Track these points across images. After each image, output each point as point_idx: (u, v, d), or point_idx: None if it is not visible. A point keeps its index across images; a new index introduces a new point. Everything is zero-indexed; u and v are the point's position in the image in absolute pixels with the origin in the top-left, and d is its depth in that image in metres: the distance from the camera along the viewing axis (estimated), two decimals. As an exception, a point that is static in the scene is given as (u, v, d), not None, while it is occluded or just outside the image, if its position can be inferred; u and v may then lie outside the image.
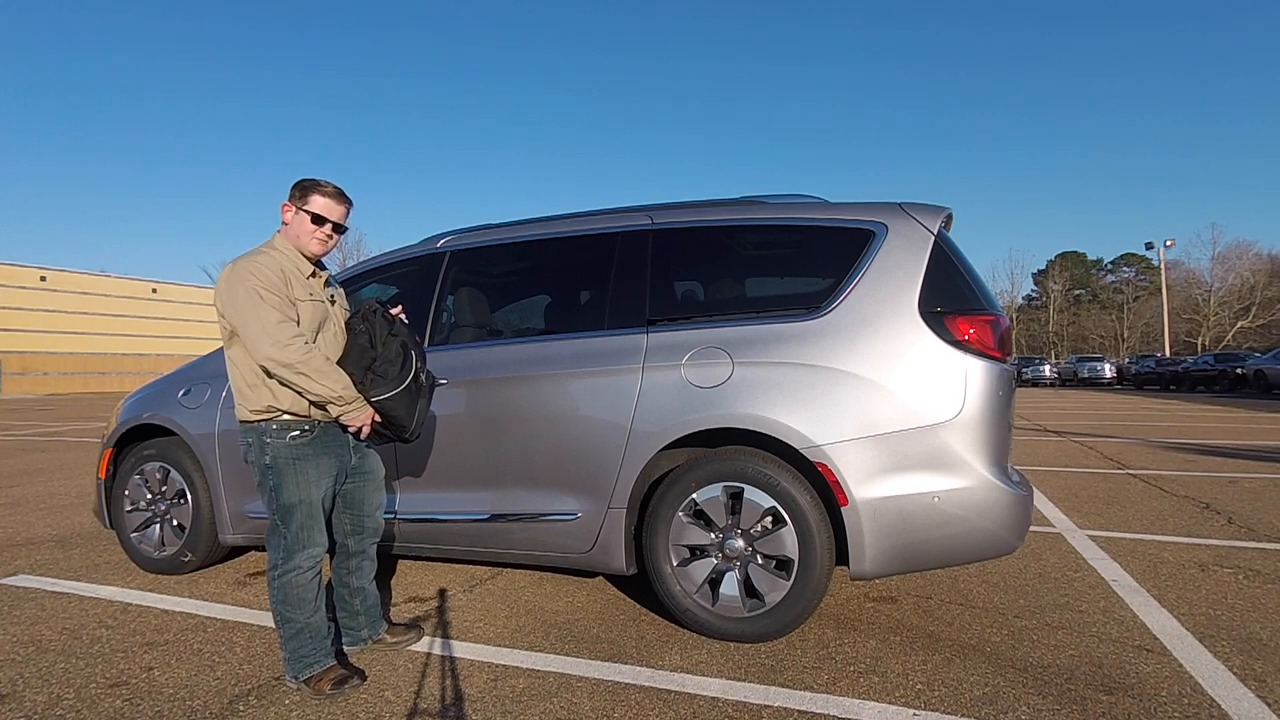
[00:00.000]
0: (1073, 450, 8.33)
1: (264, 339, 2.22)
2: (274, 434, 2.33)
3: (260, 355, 2.24)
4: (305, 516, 2.36)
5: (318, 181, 2.42)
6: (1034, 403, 18.72)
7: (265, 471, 2.35)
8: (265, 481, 2.36)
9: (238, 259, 2.34)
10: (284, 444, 2.33)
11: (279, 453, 2.33)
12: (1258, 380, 21.27)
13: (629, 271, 3.07)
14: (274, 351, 2.22)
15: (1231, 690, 2.27)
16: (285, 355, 2.22)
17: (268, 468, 2.34)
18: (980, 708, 2.18)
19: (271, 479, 2.34)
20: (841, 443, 2.59)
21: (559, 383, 2.99)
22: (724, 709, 2.20)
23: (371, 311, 2.50)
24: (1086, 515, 4.78)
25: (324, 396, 2.30)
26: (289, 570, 2.34)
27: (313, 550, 2.38)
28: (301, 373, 2.25)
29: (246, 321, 2.24)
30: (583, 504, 2.91)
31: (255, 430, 2.35)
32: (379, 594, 2.74)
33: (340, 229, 2.46)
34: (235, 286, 2.27)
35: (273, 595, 2.36)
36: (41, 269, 39.76)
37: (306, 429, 2.37)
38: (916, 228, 2.80)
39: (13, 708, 2.25)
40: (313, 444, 2.38)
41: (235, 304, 2.26)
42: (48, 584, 3.55)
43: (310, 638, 2.37)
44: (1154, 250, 40.99)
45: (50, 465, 8.08)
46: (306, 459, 2.36)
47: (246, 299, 2.25)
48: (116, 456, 3.86)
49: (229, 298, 2.28)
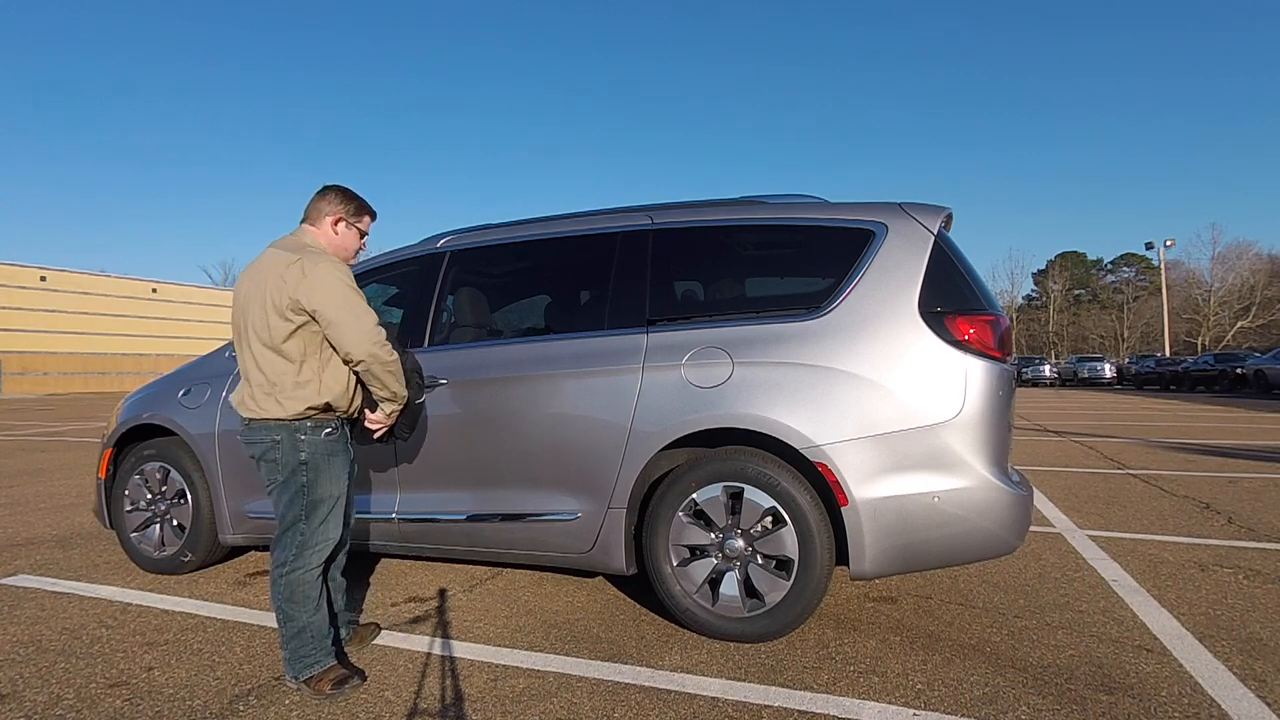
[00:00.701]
0: (1073, 450, 8.33)
1: (367, 336, 2.32)
2: (309, 431, 2.37)
3: (359, 348, 2.31)
4: (330, 510, 2.42)
5: (365, 201, 2.57)
6: (1034, 403, 18.72)
7: (298, 468, 2.36)
8: (296, 478, 2.36)
9: (319, 254, 2.36)
10: (320, 440, 2.38)
11: (315, 449, 2.37)
12: (1258, 380, 21.27)
13: (629, 271, 3.07)
14: (377, 349, 2.34)
15: (1231, 690, 2.27)
16: (385, 354, 2.36)
17: (302, 464, 2.36)
18: (980, 708, 2.18)
19: (305, 475, 2.36)
20: (841, 443, 2.59)
21: (559, 383, 2.99)
22: (724, 709, 2.20)
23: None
24: (1086, 515, 4.78)
25: (396, 394, 2.46)
26: (298, 567, 2.36)
27: (327, 545, 2.43)
28: (391, 371, 2.40)
29: (349, 317, 2.30)
30: (583, 504, 2.91)
31: (287, 428, 2.34)
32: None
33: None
34: (329, 278, 2.30)
35: (277, 593, 2.36)
36: (41, 269, 39.70)
37: (335, 427, 2.44)
38: (916, 228, 2.80)
39: (13, 708, 2.25)
40: (339, 440, 2.47)
41: (331, 294, 2.28)
42: (48, 584, 3.55)
43: (311, 637, 2.37)
44: (1154, 250, 41.01)
45: (50, 465, 8.08)
46: (338, 455, 2.44)
47: (344, 291, 2.31)
48: (116, 456, 3.86)
49: (329, 290, 2.28)
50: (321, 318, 2.30)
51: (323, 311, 2.29)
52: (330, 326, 2.30)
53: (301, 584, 2.36)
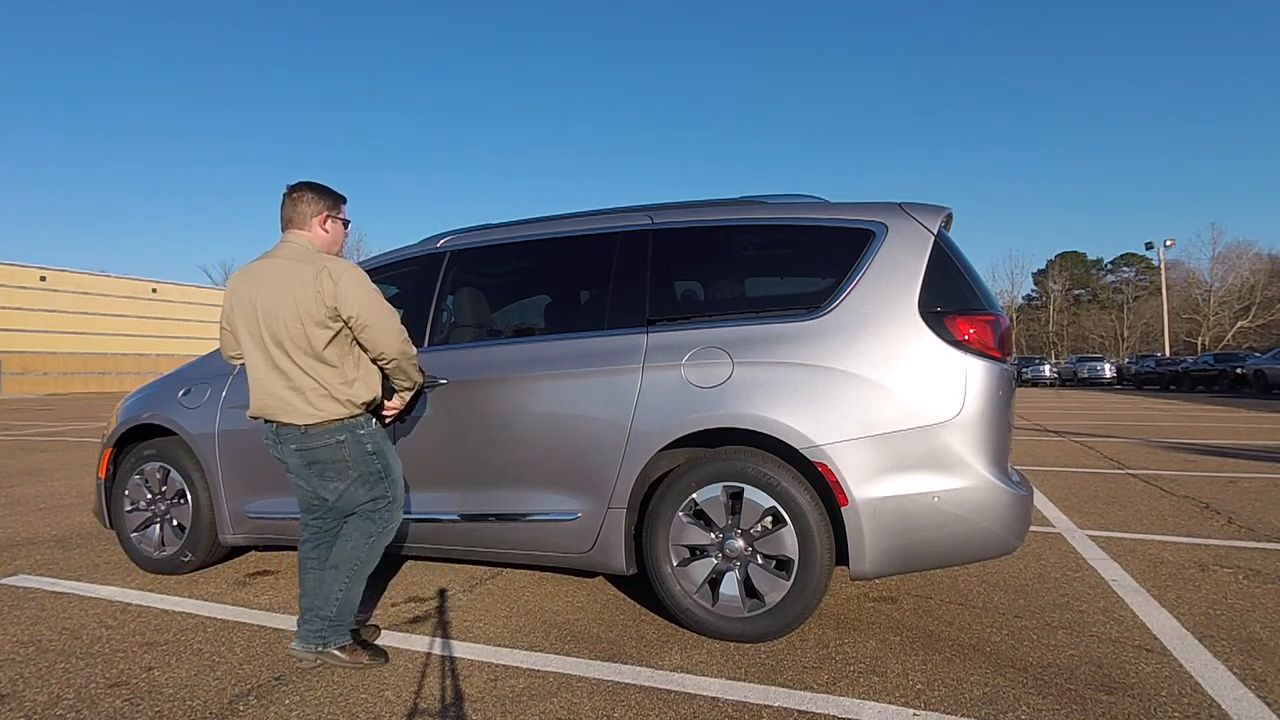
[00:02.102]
0: (1073, 450, 8.33)
1: (398, 335, 2.53)
2: (365, 423, 2.56)
3: (394, 349, 2.52)
4: (401, 485, 2.68)
5: (336, 190, 2.64)
6: (1034, 403, 18.72)
7: (370, 458, 2.55)
8: (371, 467, 2.56)
9: (335, 260, 2.48)
10: (375, 430, 2.61)
11: (376, 436, 2.60)
12: (1258, 380, 21.27)
13: (629, 271, 3.07)
14: (406, 346, 2.57)
15: (1231, 690, 2.27)
16: (410, 349, 2.62)
17: (372, 454, 2.56)
18: (980, 708, 2.18)
19: (379, 462, 2.58)
20: (841, 443, 2.59)
21: (558, 382, 2.99)
22: (724, 709, 2.20)
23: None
24: (1086, 515, 4.78)
25: (419, 383, 2.78)
26: (386, 535, 2.61)
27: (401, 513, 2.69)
28: (414, 363, 2.68)
29: (381, 320, 2.47)
30: (582, 504, 2.91)
31: (346, 427, 2.50)
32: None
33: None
34: (362, 283, 2.45)
35: (355, 558, 2.54)
36: (41, 269, 39.67)
37: (375, 416, 2.67)
38: (916, 227, 2.80)
39: (13, 708, 2.25)
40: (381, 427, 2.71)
41: (367, 299, 2.44)
42: (48, 584, 3.55)
43: (351, 607, 2.56)
44: (1154, 250, 41.01)
45: (50, 465, 8.08)
46: (387, 438, 2.72)
47: (379, 298, 2.48)
48: (116, 456, 3.86)
49: (363, 295, 2.44)
50: (357, 322, 2.46)
51: (359, 316, 2.43)
52: (365, 330, 2.46)
53: (380, 551, 2.60)
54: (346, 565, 2.54)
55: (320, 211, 2.55)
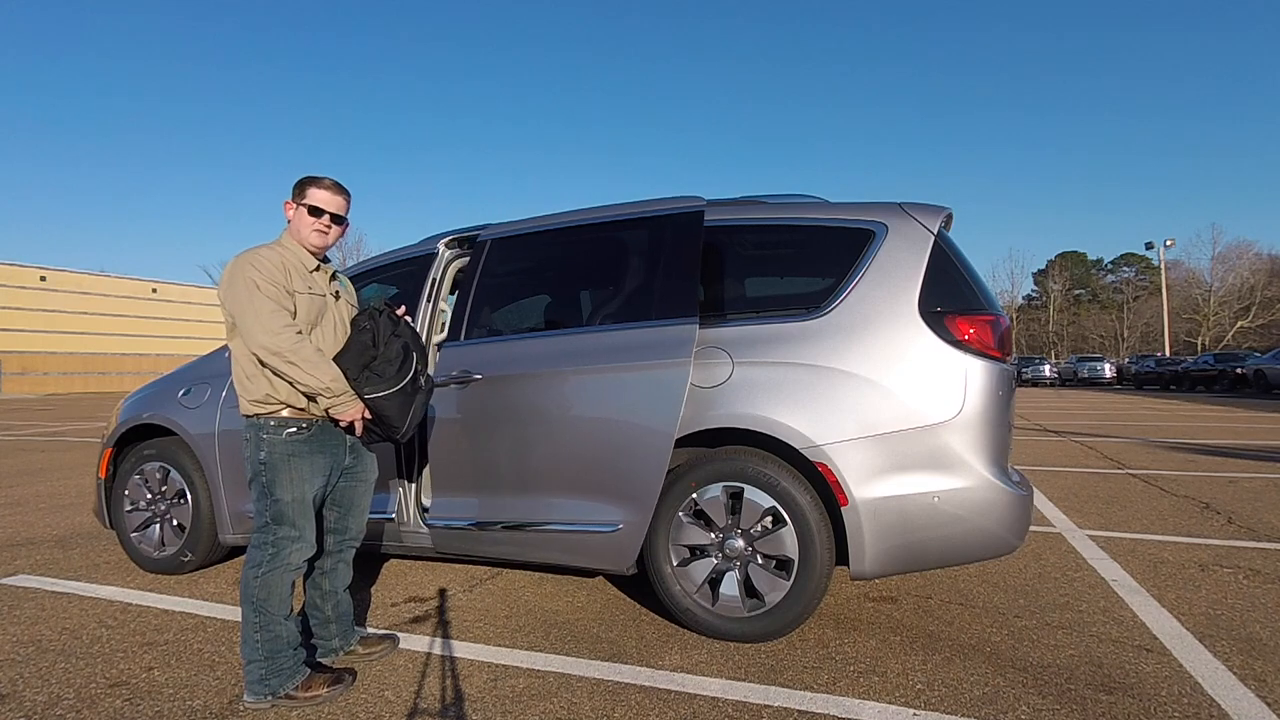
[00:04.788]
0: (1073, 450, 8.33)
1: (257, 327, 2.26)
2: (271, 430, 2.34)
3: (253, 343, 2.27)
4: (297, 514, 2.35)
5: (315, 177, 2.49)
6: (1034, 403, 18.72)
7: (259, 467, 2.34)
8: (258, 477, 2.35)
9: (242, 252, 2.38)
10: (280, 440, 2.34)
11: (274, 449, 2.34)
12: (1258, 380, 21.27)
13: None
14: (265, 339, 2.26)
15: (1231, 690, 2.27)
16: (275, 343, 2.25)
17: (262, 463, 2.34)
18: (980, 708, 2.18)
19: (265, 475, 2.34)
20: (841, 443, 2.59)
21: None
22: (724, 709, 2.20)
23: (378, 311, 2.52)
24: (1086, 515, 4.78)
25: (312, 387, 2.30)
26: (275, 568, 2.32)
27: (302, 547, 2.37)
28: (291, 361, 2.26)
29: (243, 311, 2.29)
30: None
31: (254, 425, 2.36)
32: (352, 604, 2.67)
33: (339, 220, 2.49)
34: (235, 277, 2.32)
35: (250, 595, 2.30)
36: (41, 269, 39.69)
37: (304, 426, 2.37)
38: (916, 227, 2.80)
39: (13, 708, 2.25)
40: (309, 442, 2.38)
41: (235, 294, 2.31)
42: (48, 584, 3.55)
43: (287, 645, 2.33)
44: (1154, 250, 40.99)
45: (50, 465, 8.08)
46: (301, 456, 2.36)
47: (244, 289, 2.29)
48: (116, 456, 3.86)
49: (229, 288, 2.33)
50: (227, 314, 2.36)
51: (228, 309, 2.34)
52: (236, 322, 2.33)
53: (279, 585, 2.32)
54: (247, 602, 2.32)
55: (289, 200, 2.49)
